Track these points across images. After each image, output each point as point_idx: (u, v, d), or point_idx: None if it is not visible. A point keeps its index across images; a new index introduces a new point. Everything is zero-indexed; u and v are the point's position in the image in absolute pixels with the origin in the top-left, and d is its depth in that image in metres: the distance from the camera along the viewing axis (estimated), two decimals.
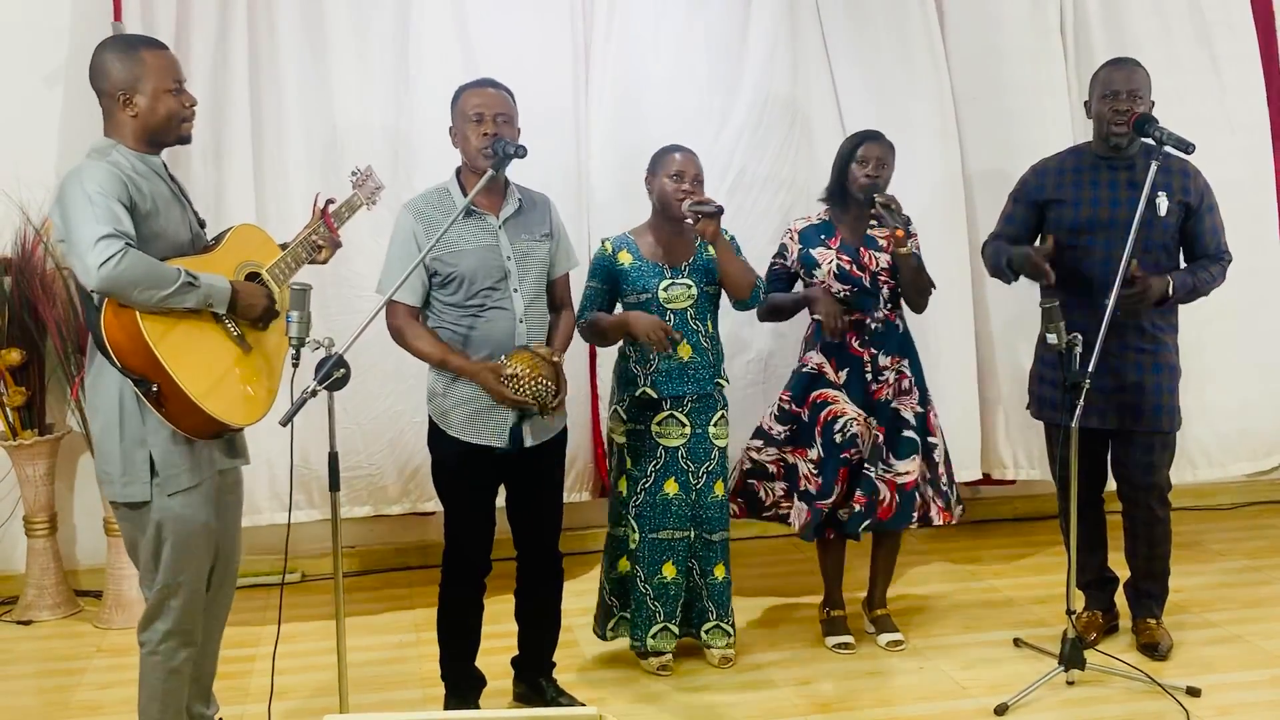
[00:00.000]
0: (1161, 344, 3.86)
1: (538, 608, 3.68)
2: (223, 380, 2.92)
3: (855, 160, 3.96)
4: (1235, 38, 5.08)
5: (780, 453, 4.05)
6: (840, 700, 3.74)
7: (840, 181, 4.02)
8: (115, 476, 2.91)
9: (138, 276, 2.75)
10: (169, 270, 2.82)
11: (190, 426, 2.89)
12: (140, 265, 2.76)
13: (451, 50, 4.55)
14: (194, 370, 2.84)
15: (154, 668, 3.02)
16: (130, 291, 2.76)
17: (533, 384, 3.31)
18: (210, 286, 2.89)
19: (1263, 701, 3.65)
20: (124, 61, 2.93)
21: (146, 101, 2.94)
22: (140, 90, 2.93)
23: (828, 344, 3.98)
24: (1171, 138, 3.64)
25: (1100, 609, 4.12)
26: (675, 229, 3.84)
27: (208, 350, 2.92)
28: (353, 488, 4.58)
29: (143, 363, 2.81)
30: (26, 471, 4.56)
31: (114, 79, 2.93)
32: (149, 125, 2.96)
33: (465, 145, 3.43)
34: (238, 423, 2.95)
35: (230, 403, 2.91)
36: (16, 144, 4.54)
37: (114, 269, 2.71)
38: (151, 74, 2.94)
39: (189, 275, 2.84)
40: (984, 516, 5.39)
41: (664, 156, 3.84)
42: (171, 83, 2.97)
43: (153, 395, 2.82)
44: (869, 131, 4.02)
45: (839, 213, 4.05)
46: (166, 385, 2.81)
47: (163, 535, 2.94)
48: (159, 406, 2.84)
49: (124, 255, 2.73)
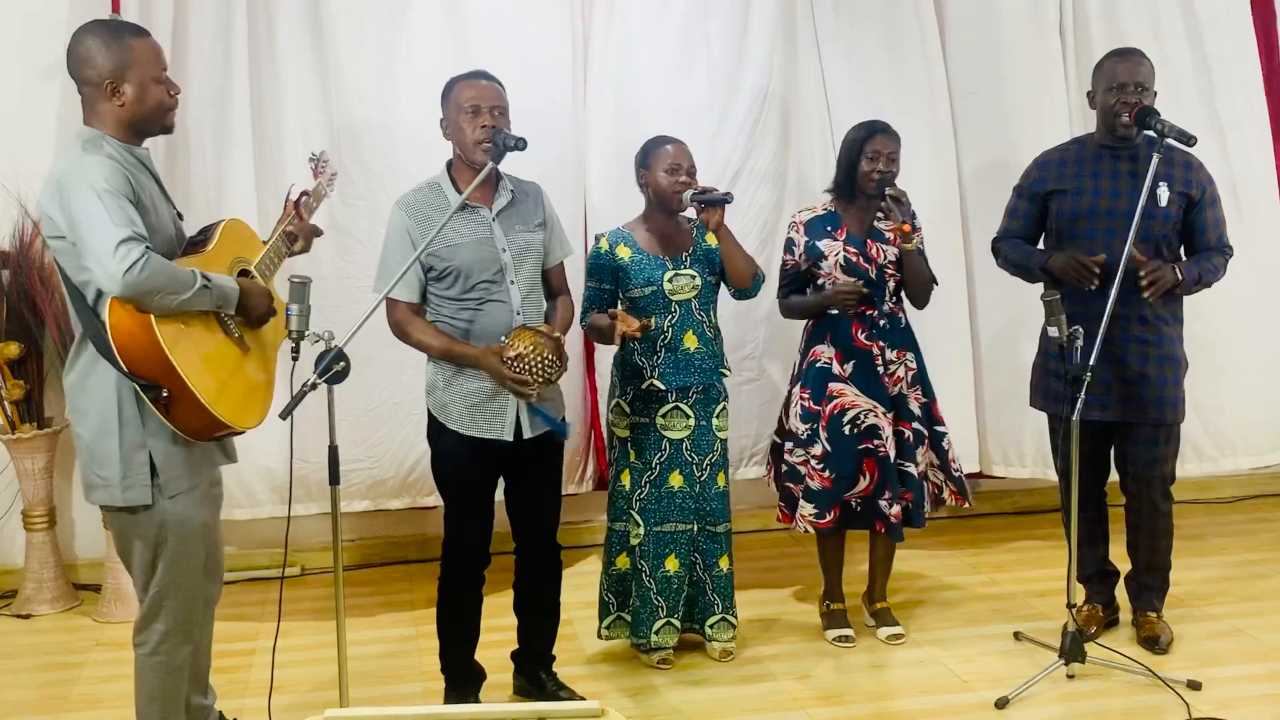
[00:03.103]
0: (1164, 335, 3.85)
1: (537, 601, 3.67)
2: (229, 382, 2.87)
3: (865, 155, 3.94)
4: (1232, 35, 5.07)
5: (807, 454, 3.99)
6: (840, 693, 3.74)
7: (849, 174, 3.99)
8: (114, 480, 2.83)
9: (161, 282, 2.68)
10: (186, 274, 2.75)
11: (196, 430, 2.83)
12: (163, 270, 2.69)
13: (449, 43, 4.53)
14: (204, 374, 2.78)
15: (155, 668, 2.98)
16: (153, 297, 2.68)
17: (537, 360, 3.29)
18: (221, 289, 2.83)
19: (1263, 695, 3.65)
20: (110, 49, 2.81)
21: (134, 90, 2.83)
22: (128, 79, 2.82)
23: (834, 336, 3.97)
24: (1173, 130, 3.63)
25: (1101, 602, 4.11)
26: (671, 221, 3.83)
27: (214, 353, 2.86)
28: (352, 482, 4.57)
29: (155, 368, 2.71)
30: (25, 465, 4.55)
31: (99, 67, 2.80)
32: (136, 115, 2.86)
33: (460, 137, 3.40)
34: (244, 425, 2.90)
35: (236, 406, 2.86)
36: (14, 137, 4.54)
37: (139, 275, 2.63)
38: (139, 62, 2.83)
39: (204, 278, 2.77)
40: (984, 510, 5.38)
41: (656, 149, 3.83)
42: (158, 72, 2.88)
43: (161, 400, 2.74)
44: (877, 123, 3.98)
45: (845, 204, 4.03)
46: (178, 390, 2.73)
47: (163, 538, 2.89)
48: (165, 411, 2.76)
49: (147, 261, 2.64)
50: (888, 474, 3.94)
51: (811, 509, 3.95)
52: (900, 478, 3.97)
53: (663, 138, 3.86)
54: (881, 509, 3.95)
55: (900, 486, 3.97)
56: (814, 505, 3.95)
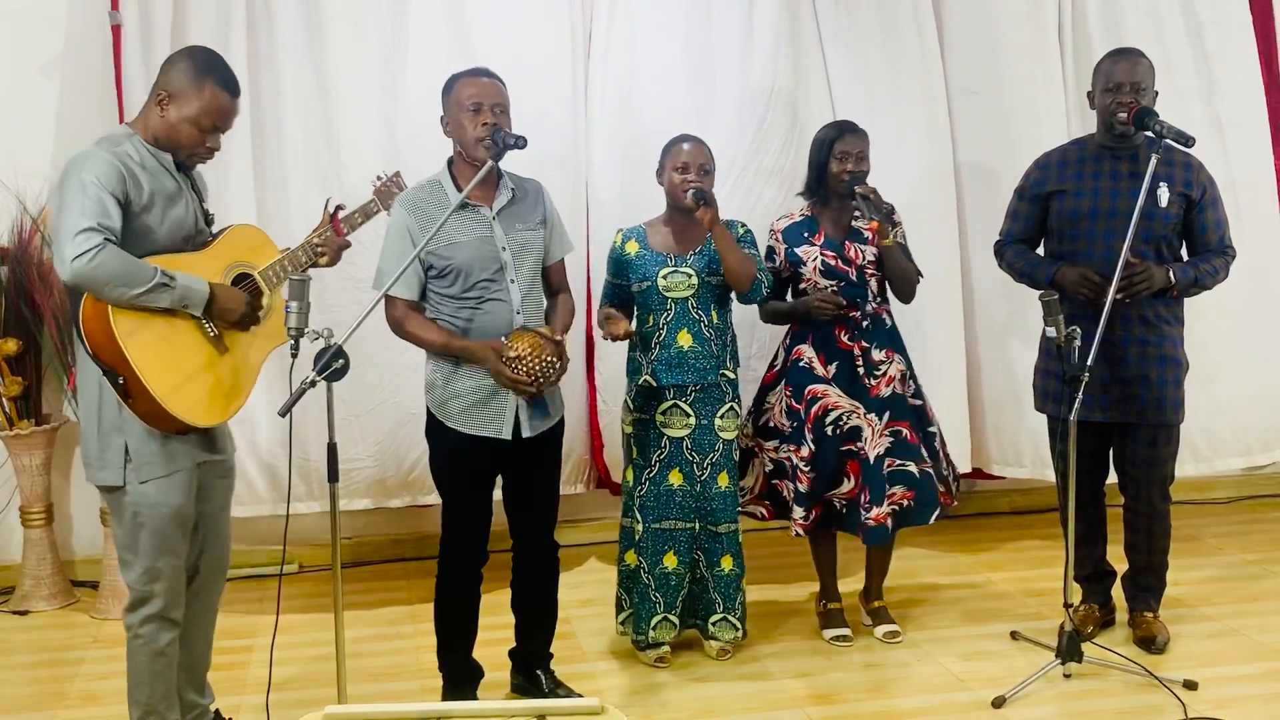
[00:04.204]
0: (1165, 336, 3.85)
1: (535, 599, 3.67)
2: (190, 380, 2.94)
3: (834, 155, 3.94)
4: (1231, 35, 5.07)
5: (789, 450, 4.01)
6: (837, 692, 3.74)
7: (819, 176, 3.99)
8: (93, 459, 2.97)
9: (111, 274, 2.77)
10: (145, 269, 2.83)
11: (154, 422, 2.92)
12: (114, 262, 2.78)
13: (450, 43, 4.52)
14: (160, 368, 2.86)
15: (138, 650, 3.05)
16: (102, 287, 2.78)
17: (537, 361, 3.30)
18: (186, 288, 2.90)
19: (1259, 695, 3.66)
20: (189, 76, 2.98)
21: (176, 116, 2.97)
22: (179, 105, 2.97)
23: (817, 337, 3.97)
24: (1171, 131, 3.64)
25: (1097, 602, 4.12)
26: (687, 220, 3.83)
27: (179, 349, 2.93)
28: (352, 480, 4.57)
29: (111, 356, 2.84)
30: (23, 461, 4.55)
31: (171, 81, 2.98)
32: (163, 135, 2.99)
33: (461, 135, 3.40)
34: (199, 423, 2.97)
35: (194, 403, 2.93)
36: (13, 134, 4.54)
37: (87, 263, 2.74)
38: (198, 103, 2.97)
39: (164, 275, 2.85)
40: (981, 510, 5.39)
41: (672, 148, 3.85)
42: (209, 124, 3.00)
43: (120, 388, 2.85)
44: (845, 123, 4.00)
45: (820, 207, 4.04)
46: (132, 381, 2.83)
47: (138, 520, 2.97)
48: (125, 399, 2.87)
49: (100, 250, 2.74)
50: (869, 477, 3.95)
51: (801, 512, 3.96)
52: (899, 477, 3.98)
53: (682, 136, 3.87)
54: (860, 515, 3.95)
55: (899, 486, 3.97)
56: (801, 508, 3.96)
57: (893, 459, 3.97)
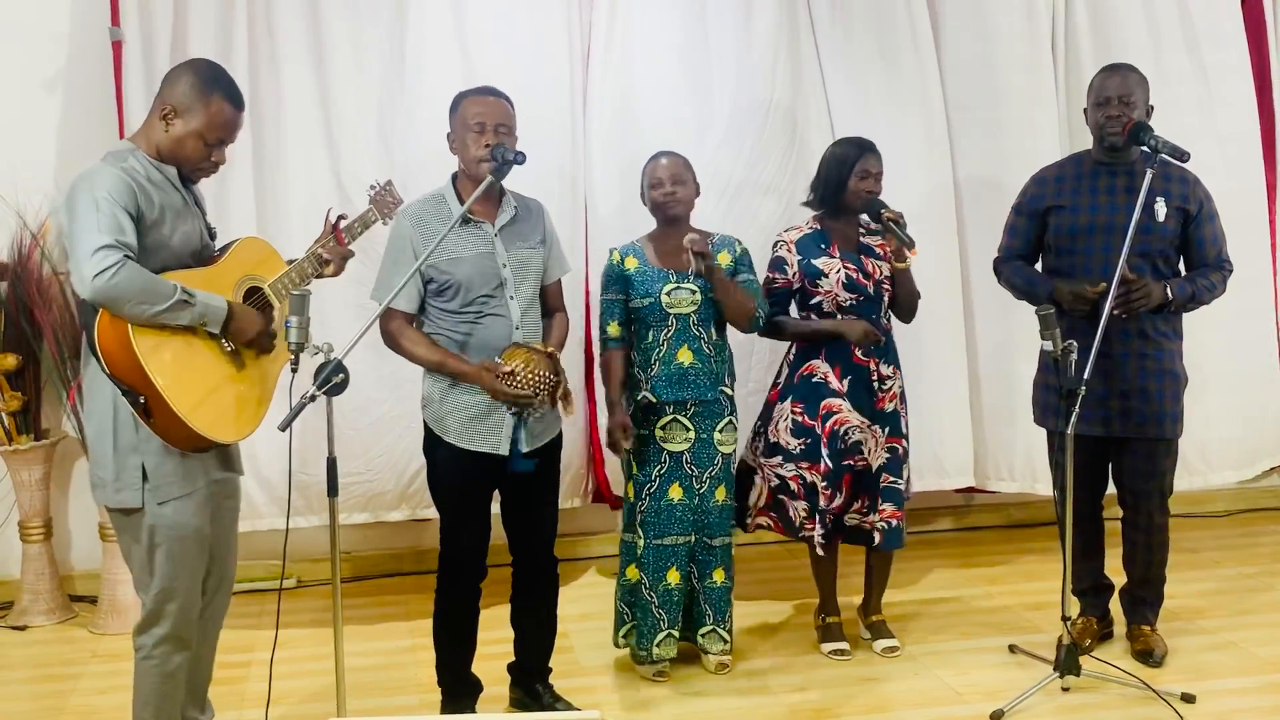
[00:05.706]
0: (1164, 350, 3.86)
1: (534, 613, 3.67)
2: (211, 396, 2.91)
3: (855, 173, 3.93)
4: (1225, 47, 5.09)
5: (798, 469, 3.98)
6: (836, 706, 3.74)
7: (836, 191, 3.99)
8: (108, 481, 2.91)
9: (132, 291, 2.74)
10: (165, 286, 2.80)
11: (177, 439, 2.88)
12: (136, 279, 2.75)
13: (450, 56, 4.54)
14: (183, 385, 2.83)
15: (148, 672, 3.02)
16: (123, 305, 2.75)
17: (532, 375, 3.31)
18: (206, 305, 2.88)
19: (1257, 708, 3.66)
20: (193, 89, 2.95)
21: (181, 130, 2.95)
22: (184, 118, 2.95)
23: (830, 351, 3.97)
24: (1166, 145, 3.65)
25: (1095, 615, 4.12)
26: (674, 234, 3.85)
27: (199, 365, 2.90)
28: (351, 494, 4.57)
29: (132, 375, 2.79)
30: (22, 476, 4.56)
31: (174, 95, 2.95)
32: (167, 149, 2.96)
33: (464, 153, 3.43)
34: (224, 439, 2.95)
35: (217, 419, 2.90)
36: (14, 149, 4.54)
37: (108, 281, 2.70)
38: (204, 117, 2.95)
39: (185, 293, 2.82)
40: (979, 523, 5.40)
41: (648, 166, 3.91)
42: (215, 137, 2.99)
43: (140, 406, 2.81)
44: (866, 142, 3.99)
45: (830, 221, 4.04)
46: (154, 399, 2.79)
47: (155, 541, 2.93)
48: (146, 418, 2.83)
49: (121, 268, 2.71)
50: (864, 487, 3.96)
51: (820, 531, 3.95)
52: (890, 495, 3.98)
53: (657, 154, 3.91)
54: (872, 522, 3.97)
55: (889, 504, 3.97)
56: (820, 524, 3.95)
57: (886, 474, 3.98)
